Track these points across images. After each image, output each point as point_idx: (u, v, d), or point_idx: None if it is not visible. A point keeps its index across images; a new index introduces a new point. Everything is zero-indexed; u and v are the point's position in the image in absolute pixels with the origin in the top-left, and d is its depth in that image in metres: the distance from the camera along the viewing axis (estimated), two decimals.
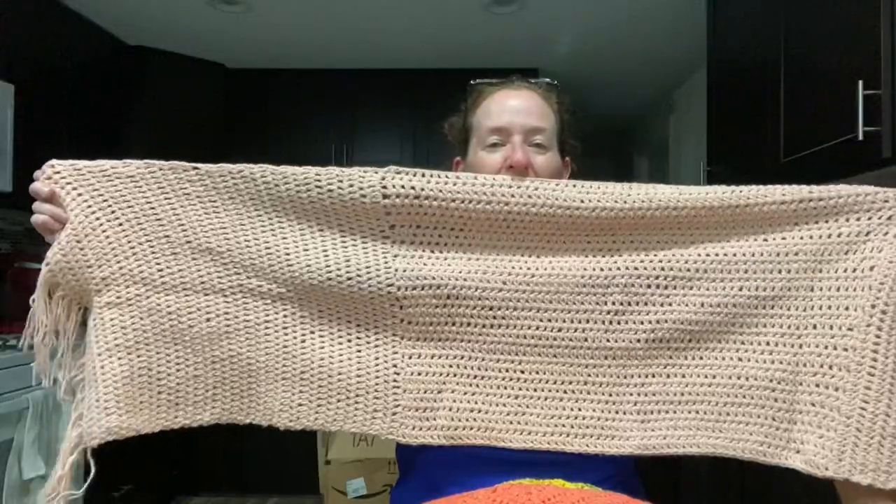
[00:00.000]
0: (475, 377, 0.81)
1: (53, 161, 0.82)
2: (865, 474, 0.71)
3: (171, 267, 0.82)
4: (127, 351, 0.80)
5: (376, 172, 0.80)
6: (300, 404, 0.83)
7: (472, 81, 1.03)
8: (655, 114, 4.37)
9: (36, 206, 0.81)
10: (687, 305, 0.79)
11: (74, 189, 0.81)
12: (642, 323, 0.79)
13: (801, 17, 1.60)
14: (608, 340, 0.80)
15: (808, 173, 1.56)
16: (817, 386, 0.75)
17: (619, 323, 0.80)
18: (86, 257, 0.80)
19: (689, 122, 3.62)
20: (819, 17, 1.51)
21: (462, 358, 0.82)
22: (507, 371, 0.81)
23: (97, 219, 0.81)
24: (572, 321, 0.81)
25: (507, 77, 1.01)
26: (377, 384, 0.82)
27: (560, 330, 0.81)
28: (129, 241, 0.81)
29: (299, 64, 3.55)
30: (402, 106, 3.62)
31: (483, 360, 0.81)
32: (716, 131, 2.18)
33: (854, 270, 0.75)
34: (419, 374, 0.81)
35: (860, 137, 1.28)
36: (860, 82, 1.27)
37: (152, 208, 0.82)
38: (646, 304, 0.80)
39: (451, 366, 0.81)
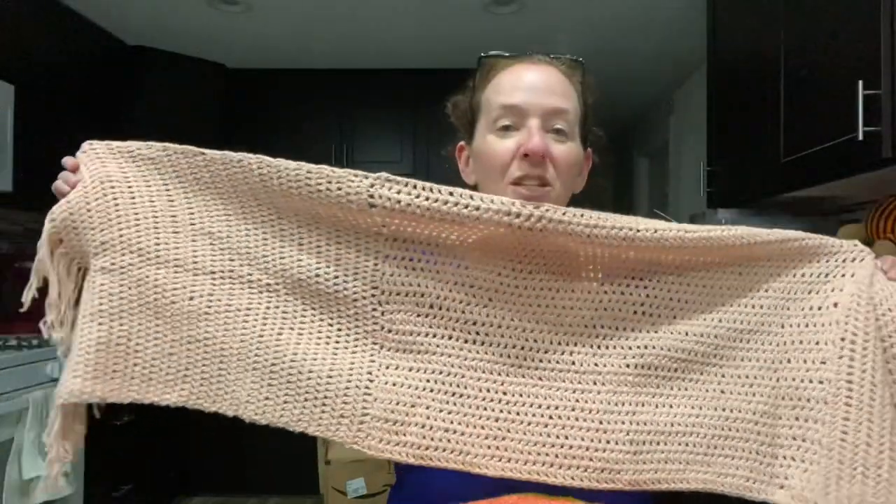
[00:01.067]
0: (453, 394, 0.76)
1: (92, 141, 0.86)
2: None
3: (169, 242, 0.83)
4: (110, 317, 0.80)
5: (367, 178, 0.77)
6: (267, 398, 0.79)
7: (482, 54, 0.88)
8: (655, 114, 4.37)
9: (60, 174, 0.84)
10: (672, 333, 0.79)
11: (102, 161, 0.83)
12: (630, 348, 0.78)
13: (801, 17, 1.60)
14: (597, 364, 0.77)
15: (808, 173, 1.56)
16: (797, 419, 0.76)
17: (607, 347, 0.78)
18: (91, 219, 0.81)
19: (689, 122, 3.62)
20: (819, 17, 1.51)
21: (440, 373, 0.77)
22: (487, 391, 0.77)
23: (112, 187, 0.82)
24: (560, 343, 0.78)
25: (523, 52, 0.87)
26: (347, 388, 0.77)
27: (547, 352, 0.77)
28: (136, 213, 0.82)
29: (299, 64, 3.56)
30: (402, 106, 3.62)
31: (463, 376, 0.77)
32: (716, 131, 2.18)
33: (819, 308, 0.77)
34: (393, 384, 0.77)
35: (860, 137, 1.28)
36: (860, 82, 1.27)
37: (167, 190, 0.84)
38: (633, 329, 0.79)
39: (427, 380, 0.77)
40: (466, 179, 0.93)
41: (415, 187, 0.76)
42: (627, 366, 0.77)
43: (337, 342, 0.81)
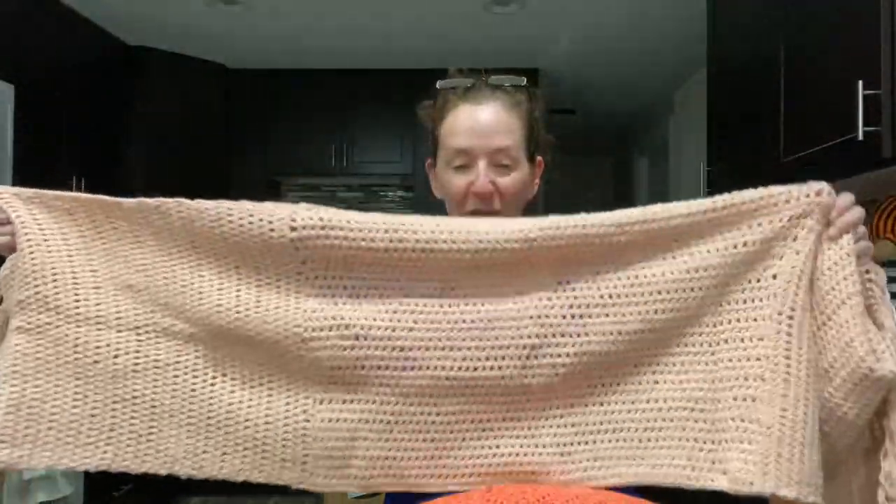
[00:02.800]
0: (388, 423, 0.77)
1: None
2: (791, 487, 0.68)
3: (90, 299, 0.80)
4: (23, 379, 0.78)
5: (287, 207, 0.78)
6: (204, 452, 0.80)
7: (438, 83, 1.00)
8: (655, 114, 4.37)
9: None
10: (605, 335, 0.76)
11: (16, 213, 0.80)
12: (559, 356, 0.76)
13: (801, 17, 1.60)
14: (525, 378, 0.76)
15: (808, 173, 1.56)
16: (734, 399, 0.73)
17: (535, 357, 0.76)
18: (14, 278, 0.79)
19: (689, 122, 3.62)
20: (819, 17, 1.51)
21: (375, 403, 0.77)
22: (421, 415, 0.78)
23: (28, 241, 0.79)
24: (487, 359, 0.76)
25: (475, 78, 0.98)
26: (286, 433, 0.78)
27: (476, 370, 0.76)
28: (53, 269, 0.80)
29: (299, 64, 3.56)
30: (402, 106, 3.60)
31: (397, 404, 0.77)
32: (716, 131, 2.18)
33: (759, 281, 0.73)
34: (330, 420, 0.78)
35: (860, 137, 1.28)
36: (860, 82, 1.27)
37: (84, 242, 0.82)
38: (563, 335, 0.76)
39: (363, 411, 0.77)
40: (435, 193, 1.03)
41: (331, 210, 0.77)
42: (556, 375, 0.76)
43: (270, 384, 0.80)
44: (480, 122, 0.94)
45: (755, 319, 0.73)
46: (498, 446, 0.78)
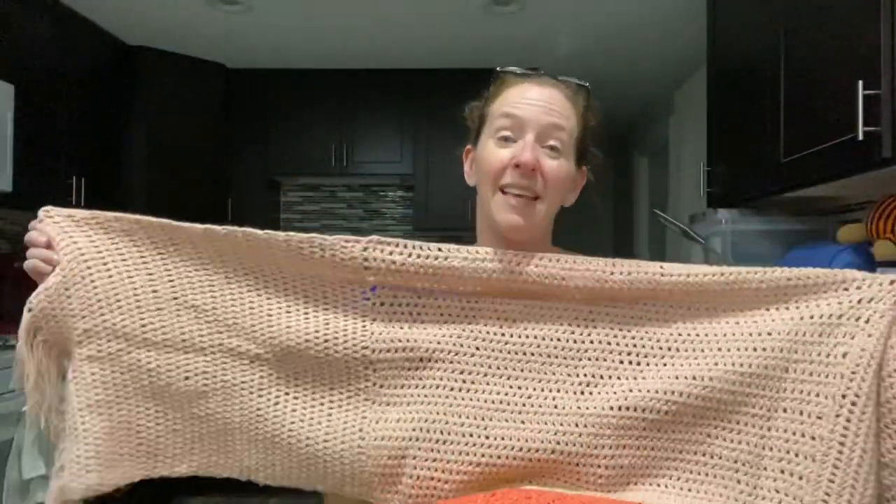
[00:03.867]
0: (437, 441, 0.78)
1: (49, 207, 0.83)
2: None
3: (154, 323, 0.82)
4: (108, 406, 0.81)
5: (358, 242, 0.80)
6: (273, 465, 0.84)
7: (497, 69, 0.94)
8: (655, 114, 4.37)
9: (31, 251, 0.81)
10: (661, 378, 0.77)
11: (70, 237, 0.81)
12: (615, 392, 0.78)
13: (801, 17, 1.60)
14: (579, 407, 0.78)
15: (808, 173, 1.56)
16: (782, 472, 0.73)
17: (591, 393, 0.78)
18: (71, 306, 0.80)
19: (689, 122, 3.62)
20: (819, 17, 1.51)
21: (426, 421, 0.79)
22: (471, 436, 0.78)
23: (88, 268, 0.80)
24: (542, 389, 0.79)
25: (535, 70, 0.93)
26: (343, 450, 0.81)
27: (530, 397, 0.79)
28: (117, 294, 0.81)
29: (299, 64, 3.56)
30: (402, 106, 3.62)
31: (447, 423, 0.79)
32: (716, 131, 2.18)
33: (828, 356, 0.73)
34: (383, 438, 0.80)
35: (860, 137, 1.28)
36: (860, 82, 1.27)
37: (145, 263, 0.83)
38: (618, 378, 0.79)
39: (414, 429, 0.79)
40: (468, 181, 0.98)
41: (405, 247, 0.80)
42: (611, 408, 0.77)
43: (331, 402, 0.83)
44: (538, 95, 0.88)
45: (817, 395, 0.73)
46: (545, 484, 0.78)
